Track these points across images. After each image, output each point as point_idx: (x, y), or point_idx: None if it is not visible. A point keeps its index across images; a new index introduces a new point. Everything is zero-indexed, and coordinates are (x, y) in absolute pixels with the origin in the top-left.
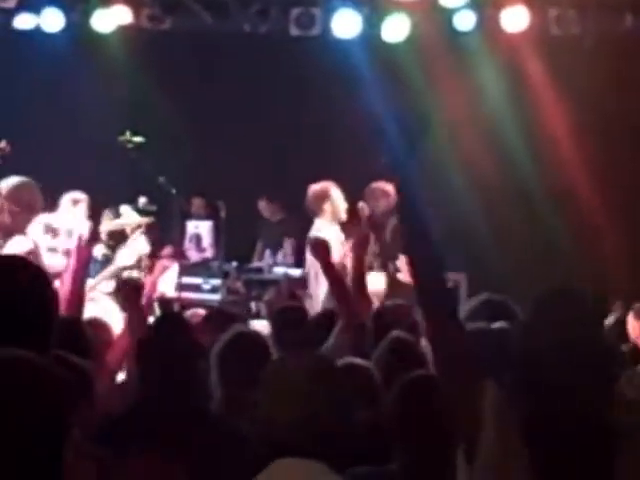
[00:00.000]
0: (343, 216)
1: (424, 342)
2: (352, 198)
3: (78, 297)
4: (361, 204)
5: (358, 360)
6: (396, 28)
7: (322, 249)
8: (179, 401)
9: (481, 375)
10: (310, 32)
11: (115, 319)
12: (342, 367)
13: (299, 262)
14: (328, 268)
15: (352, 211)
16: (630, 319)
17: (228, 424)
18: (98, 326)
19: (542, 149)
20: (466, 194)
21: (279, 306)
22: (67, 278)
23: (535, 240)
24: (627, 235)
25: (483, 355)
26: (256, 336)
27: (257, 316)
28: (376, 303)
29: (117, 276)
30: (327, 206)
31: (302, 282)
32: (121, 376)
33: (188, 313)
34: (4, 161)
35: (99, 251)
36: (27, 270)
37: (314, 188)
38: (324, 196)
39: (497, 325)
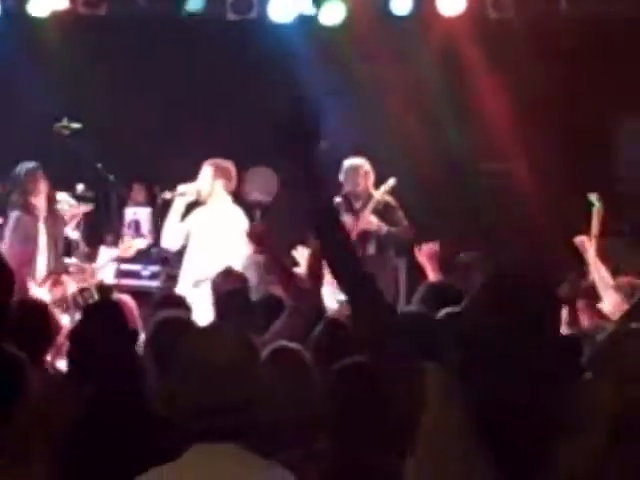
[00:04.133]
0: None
1: None
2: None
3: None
4: None
5: (290, 343)
6: (333, 11)
7: (261, 234)
8: (112, 387)
9: (417, 357)
10: (247, 16)
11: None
12: (273, 350)
13: None
14: (266, 252)
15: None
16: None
17: (152, 409)
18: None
19: (479, 133)
20: (402, 180)
21: (223, 290)
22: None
23: (471, 217)
24: (563, 223)
25: (422, 338)
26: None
27: None
28: None
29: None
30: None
31: None
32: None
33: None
34: None
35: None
36: None
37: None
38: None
39: (443, 310)
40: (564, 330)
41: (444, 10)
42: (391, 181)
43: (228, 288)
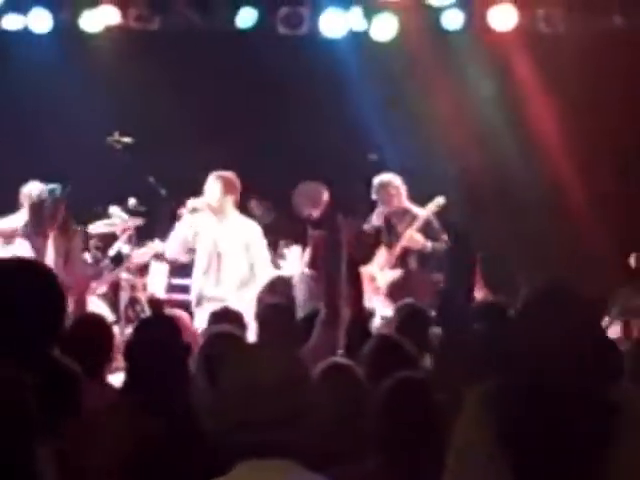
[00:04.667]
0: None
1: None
2: (339, 196)
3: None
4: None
5: (342, 359)
6: (384, 27)
7: (321, 244)
8: (164, 403)
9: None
10: (298, 31)
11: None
12: (326, 366)
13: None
14: (320, 261)
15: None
16: None
17: (202, 424)
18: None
19: (530, 147)
20: (454, 193)
21: (266, 303)
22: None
23: (522, 238)
24: (614, 232)
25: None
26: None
27: None
28: None
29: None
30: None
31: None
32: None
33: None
34: None
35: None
36: (35, 272)
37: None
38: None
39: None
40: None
41: (495, 25)
42: (440, 200)
43: (272, 302)
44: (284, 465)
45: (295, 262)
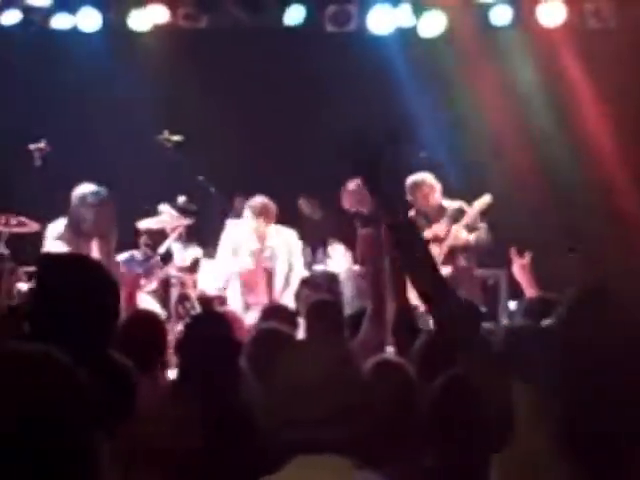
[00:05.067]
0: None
1: None
2: None
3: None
4: None
5: (392, 356)
6: (432, 24)
7: (369, 241)
8: (215, 398)
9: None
10: (346, 28)
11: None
12: (376, 363)
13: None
14: (369, 259)
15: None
16: None
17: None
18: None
19: (579, 144)
20: (505, 193)
21: (313, 300)
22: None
23: (570, 231)
24: None
25: (515, 354)
26: (282, 333)
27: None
28: None
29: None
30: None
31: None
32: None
33: (223, 311)
34: (44, 162)
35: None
36: (94, 272)
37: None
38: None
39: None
40: None
41: (544, 20)
42: (487, 198)
43: (319, 298)
44: (336, 462)
45: (341, 259)
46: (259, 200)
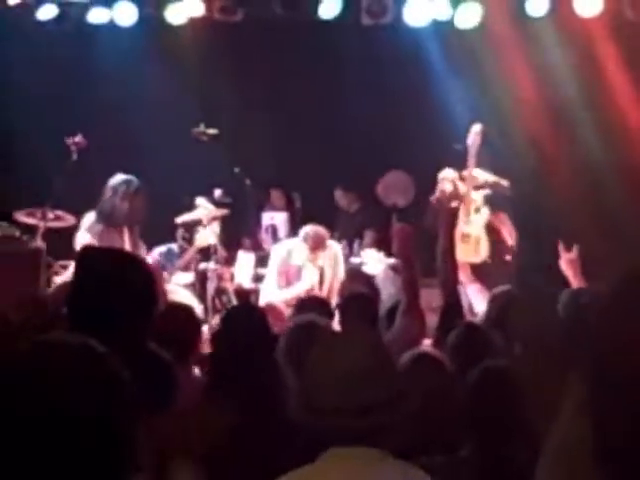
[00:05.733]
0: None
1: None
2: (422, 185)
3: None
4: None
5: (429, 349)
6: (468, 15)
7: (404, 235)
8: (252, 390)
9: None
10: (382, 20)
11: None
12: (414, 355)
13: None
14: (404, 253)
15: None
16: None
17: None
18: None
19: (616, 135)
20: (539, 182)
21: (348, 293)
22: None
23: (604, 223)
24: None
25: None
26: (318, 325)
27: None
28: None
29: (191, 265)
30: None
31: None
32: None
33: (264, 304)
34: (80, 155)
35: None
36: (135, 267)
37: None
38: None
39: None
40: None
41: (581, 10)
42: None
43: (355, 291)
44: (371, 453)
45: (375, 263)
46: (312, 232)
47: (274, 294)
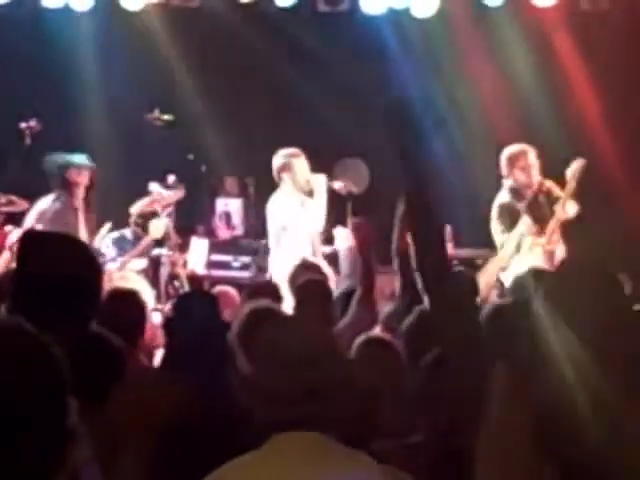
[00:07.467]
0: (305, 187)
1: None
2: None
3: None
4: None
5: (381, 334)
6: (425, 4)
7: (362, 235)
8: (203, 374)
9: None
10: (338, 8)
11: (147, 297)
12: (365, 340)
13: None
14: (362, 252)
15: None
16: None
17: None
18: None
19: (571, 125)
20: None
21: (301, 280)
22: None
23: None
24: None
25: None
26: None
27: None
28: None
29: (146, 253)
30: (287, 176)
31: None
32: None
33: (216, 290)
34: (34, 140)
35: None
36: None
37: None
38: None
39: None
40: None
41: (536, 1)
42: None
43: (307, 278)
44: (317, 438)
45: (343, 241)
46: None
47: None
